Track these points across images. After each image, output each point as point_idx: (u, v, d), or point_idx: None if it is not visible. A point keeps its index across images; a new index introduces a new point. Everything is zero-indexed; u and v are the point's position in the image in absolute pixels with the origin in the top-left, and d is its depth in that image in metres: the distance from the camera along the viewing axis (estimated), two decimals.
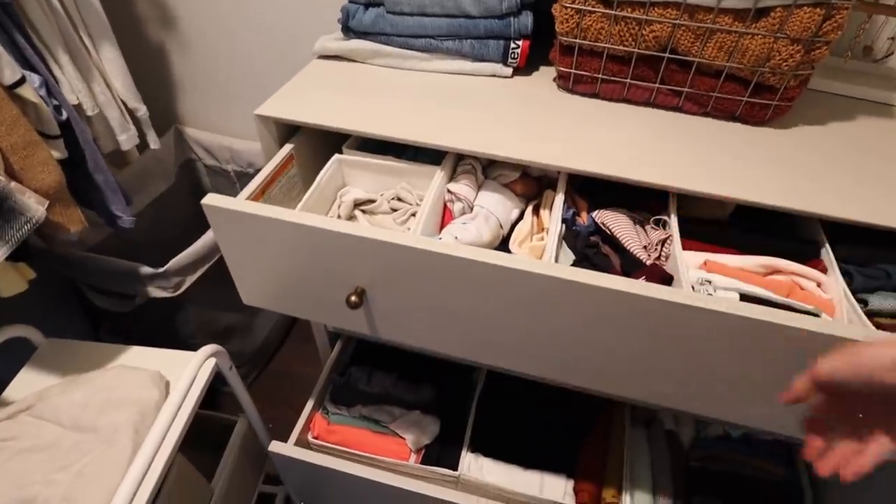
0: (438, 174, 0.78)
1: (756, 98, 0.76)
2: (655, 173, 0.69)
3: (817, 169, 0.71)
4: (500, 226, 0.77)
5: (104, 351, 0.89)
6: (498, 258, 0.58)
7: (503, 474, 1.02)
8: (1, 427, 0.74)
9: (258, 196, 0.75)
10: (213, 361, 0.84)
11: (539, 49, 0.86)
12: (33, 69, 0.77)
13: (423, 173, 0.81)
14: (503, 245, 0.78)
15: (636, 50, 0.76)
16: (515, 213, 0.80)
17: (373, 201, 0.83)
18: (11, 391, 0.84)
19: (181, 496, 0.82)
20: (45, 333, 0.91)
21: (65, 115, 0.82)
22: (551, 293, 0.59)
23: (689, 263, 0.69)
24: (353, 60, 0.91)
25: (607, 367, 0.67)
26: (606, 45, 0.77)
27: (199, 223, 1.60)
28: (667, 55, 0.76)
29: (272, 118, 0.78)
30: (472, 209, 0.78)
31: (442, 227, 0.78)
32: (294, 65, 1.22)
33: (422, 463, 1.02)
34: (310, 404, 1.07)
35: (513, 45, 0.84)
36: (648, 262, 0.71)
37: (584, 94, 0.84)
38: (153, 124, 1.09)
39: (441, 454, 1.03)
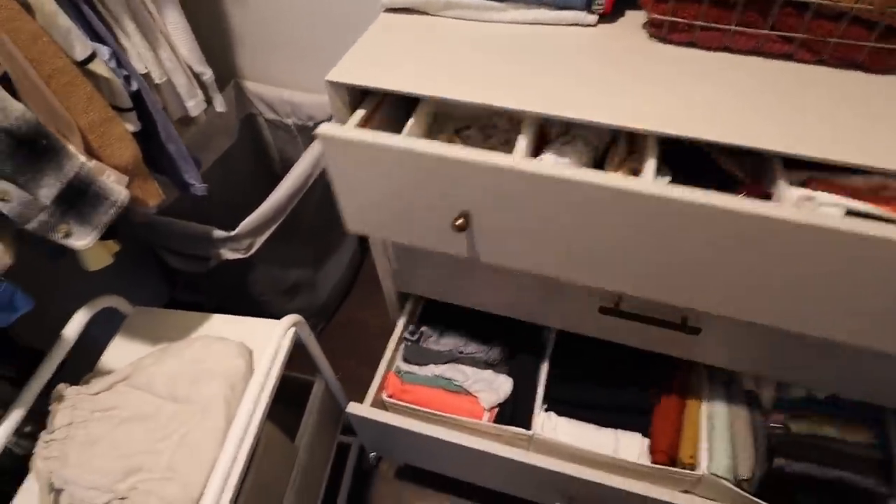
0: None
1: (884, 43, 0.67)
2: (769, 136, 0.62)
3: None
4: (596, 148, 0.76)
5: (188, 319, 0.91)
6: (598, 177, 0.59)
7: (577, 434, 1.02)
8: (102, 397, 0.78)
9: (364, 123, 0.76)
10: (293, 331, 0.85)
11: None
12: (101, 41, 0.75)
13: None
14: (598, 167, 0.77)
15: None
16: (608, 136, 0.78)
17: (468, 127, 0.82)
18: (106, 359, 0.88)
19: (270, 459, 0.85)
20: (125, 295, 0.93)
21: (135, 86, 0.81)
22: (653, 212, 0.59)
23: (790, 180, 0.66)
24: (424, 13, 0.84)
25: (709, 284, 0.66)
26: None
27: (264, 178, 1.60)
28: None
29: (344, 84, 0.75)
30: (566, 133, 0.77)
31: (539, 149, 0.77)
32: (354, 14, 1.17)
33: (495, 422, 1.03)
34: (383, 364, 1.08)
35: None
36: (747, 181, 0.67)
37: (679, 44, 0.76)
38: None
39: (514, 413, 1.04)
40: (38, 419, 0.78)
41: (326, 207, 1.43)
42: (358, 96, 0.80)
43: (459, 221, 0.67)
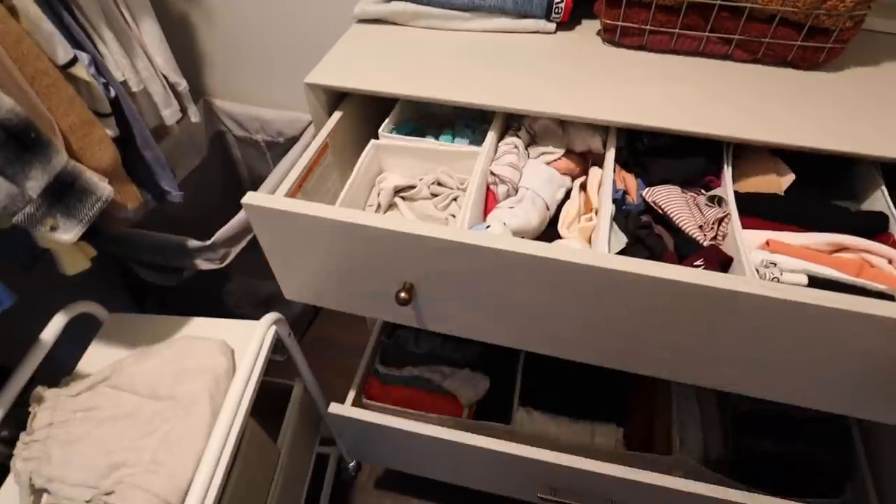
0: (481, 156, 0.76)
1: (809, 42, 0.75)
2: (710, 123, 0.69)
3: (874, 110, 0.71)
4: (547, 207, 0.75)
5: (166, 323, 0.92)
6: (551, 251, 0.57)
7: (554, 427, 1.05)
8: (83, 398, 0.77)
9: (296, 191, 0.73)
10: (273, 329, 0.86)
11: (581, 2, 0.85)
12: (81, 47, 0.77)
13: (464, 156, 0.79)
14: (551, 226, 0.76)
15: None
16: (562, 193, 0.78)
17: (412, 187, 0.81)
18: (84, 364, 0.88)
19: (254, 457, 0.85)
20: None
21: (113, 93, 0.83)
22: (606, 284, 0.58)
23: (750, 243, 0.66)
24: (394, 23, 0.90)
25: (667, 356, 0.66)
26: None
27: (233, 194, 1.61)
28: (718, 2, 0.74)
29: (321, 86, 0.79)
30: (517, 191, 0.76)
31: (486, 211, 0.77)
32: (322, 30, 1.22)
33: (474, 419, 1.05)
34: (362, 366, 1.10)
35: (557, 0, 0.83)
36: (705, 244, 0.68)
37: (630, 47, 0.83)
38: None
39: (493, 410, 1.06)
40: (14, 424, 0.77)
41: None
42: (335, 100, 0.84)
43: (402, 295, 0.65)
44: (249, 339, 0.84)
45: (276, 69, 1.35)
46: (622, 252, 0.68)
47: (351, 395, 1.05)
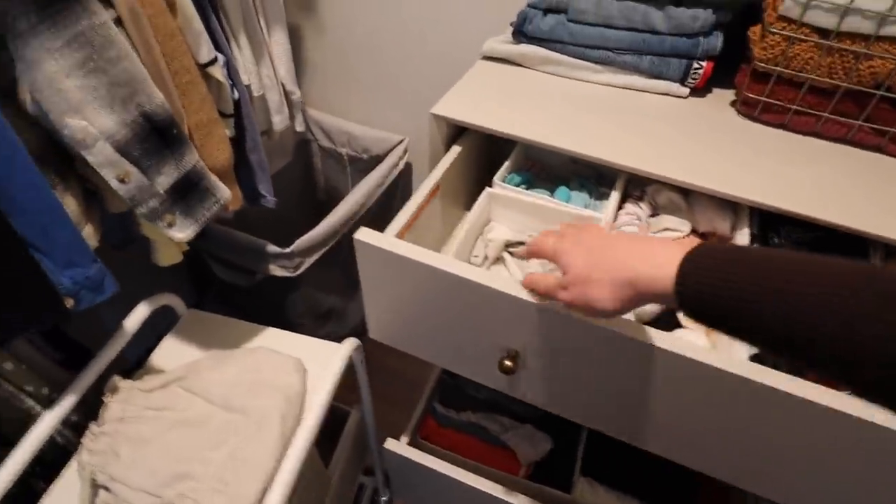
0: (600, 223, 0.71)
1: None
2: (864, 219, 0.64)
3: None
4: None
5: (243, 329, 0.90)
6: (687, 349, 0.53)
7: None
8: (156, 395, 0.76)
9: (405, 230, 0.70)
10: (349, 356, 0.84)
11: (716, 70, 0.81)
12: (219, 49, 0.78)
13: (580, 218, 0.76)
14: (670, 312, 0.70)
15: (845, 84, 0.71)
16: None
17: (521, 243, 0.78)
18: (158, 358, 0.86)
19: (310, 482, 0.82)
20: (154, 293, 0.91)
21: (237, 95, 0.83)
22: (741, 394, 0.53)
23: None
24: (519, 65, 0.88)
25: (785, 477, 0.60)
26: (811, 77, 0.72)
27: (306, 201, 1.62)
28: (880, 92, 0.70)
29: (446, 118, 0.77)
30: None
31: None
32: (436, 59, 1.21)
33: (532, 480, 1.00)
34: (421, 404, 1.06)
35: (695, 66, 0.80)
36: None
37: (769, 124, 0.79)
38: None
39: (551, 474, 1.01)
40: (84, 410, 0.76)
41: None
42: (454, 134, 0.82)
43: (507, 363, 0.61)
44: (323, 360, 0.82)
45: (377, 88, 1.35)
46: (755, 356, 0.63)
47: (408, 432, 1.01)
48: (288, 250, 1.12)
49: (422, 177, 1.49)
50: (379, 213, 1.42)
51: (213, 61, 0.73)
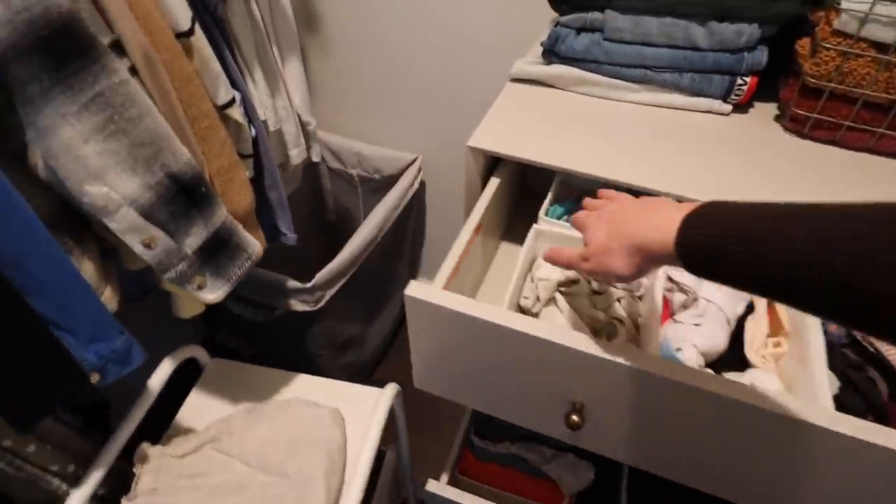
0: None
1: None
2: None
3: None
4: (728, 322, 0.66)
5: (271, 377, 0.86)
6: (768, 402, 0.49)
7: None
8: (189, 461, 0.71)
9: (451, 279, 0.66)
10: (390, 402, 0.79)
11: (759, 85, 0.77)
12: (235, 87, 0.73)
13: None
14: (733, 347, 0.66)
15: None
16: (742, 307, 0.68)
17: (575, 282, 0.72)
18: (186, 415, 0.82)
19: None
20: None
21: (254, 132, 0.78)
22: (831, 449, 0.50)
23: None
24: (551, 86, 0.84)
25: None
26: (867, 92, 0.68)
27: (315, 225, 1.57)
28: None
29: (482, 150, 0.73)
30: (694, 301, 0.68)
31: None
32: (449, 78, 1.17)
33: None
34: (458, 439, 1.02)
35: (739, 82, 0.76)
36: None
37: (819, 140, 0.75)
38: None
39: (595, 503, 0.97)
40: (110, 482, 0.71)
41: (385, 261, 1.39)
42: (490, 164, 0.78)
43: (574, 418, 0.58)
44: (362, 406, 0.77)
45: (389, 107, 1.31)
46: (837, 397, 0.59)
47: (447, 469, 0.97)
48: (309, 285, 1.08)
49: (438, 196, 1.45)
50: (395, 236, 1.38)
51: (231, 102, 0.68)
